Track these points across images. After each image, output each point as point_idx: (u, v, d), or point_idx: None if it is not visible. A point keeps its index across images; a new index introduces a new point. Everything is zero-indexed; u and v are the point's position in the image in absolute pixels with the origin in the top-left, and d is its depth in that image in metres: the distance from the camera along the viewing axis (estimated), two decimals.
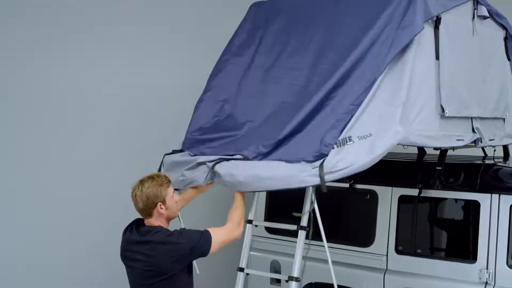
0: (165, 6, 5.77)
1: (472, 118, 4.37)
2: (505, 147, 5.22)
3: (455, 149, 4.45)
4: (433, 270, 4.48)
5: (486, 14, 4.49)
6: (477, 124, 4.39)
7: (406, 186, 4.66)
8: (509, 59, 4.91)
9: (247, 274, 4.06)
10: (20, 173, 4.88)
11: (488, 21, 4.59)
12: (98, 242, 5.22)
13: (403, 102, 3.68)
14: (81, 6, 5.18)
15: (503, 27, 4.81)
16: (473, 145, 4.41)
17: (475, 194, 4.38)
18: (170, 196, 3.54)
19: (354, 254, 4.84)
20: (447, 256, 4.60)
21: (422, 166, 4.64)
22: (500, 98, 4.73)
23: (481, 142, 4.43)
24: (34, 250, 4.93)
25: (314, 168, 3.52)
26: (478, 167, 4.52)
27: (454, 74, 4.11)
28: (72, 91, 5.15)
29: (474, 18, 4.41)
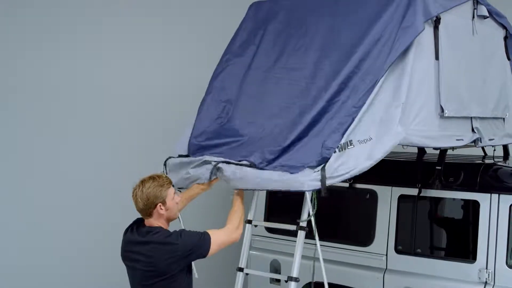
0: (165, 6, 5.77)
1: (471, 118, 4.36)
2: (505, 147, 5.22)
3: (455, 148, 4.45)
4: (432, 269, 4.48)
5: (486, 13, 4.48)
6: (476, 124, 4.39)
7: (405, 185, 4.66)
8: (509, 59, 4.91)
9: (247, 274, 4.07)
10: (20, 173, 4.88)
11: (488, 20, 4.58)
12: (98, 242, 5.22)
13: (403, 103, 3.67)
14: (81, 6, 5.17)
15: (503, 27, 4.81)
16: (472, 145, 4.41)
17: (475, 193, 4.38)
18: (170, 197, 3.54)
19: (354, 254, 4.83)
20: (447, 255, 4.60)
21: (422, 165, 4.64)
22: (500, 97, 4.73)
23: (480, 142, 4.43)
24: (34, 250, 4.92)
25: (316, 172, 3.53)
26: (478, 167, 4.52)
27: (454, 74, 4.11)
28: (72, 91, 5.14)
29: (474, 17, 4.40)
